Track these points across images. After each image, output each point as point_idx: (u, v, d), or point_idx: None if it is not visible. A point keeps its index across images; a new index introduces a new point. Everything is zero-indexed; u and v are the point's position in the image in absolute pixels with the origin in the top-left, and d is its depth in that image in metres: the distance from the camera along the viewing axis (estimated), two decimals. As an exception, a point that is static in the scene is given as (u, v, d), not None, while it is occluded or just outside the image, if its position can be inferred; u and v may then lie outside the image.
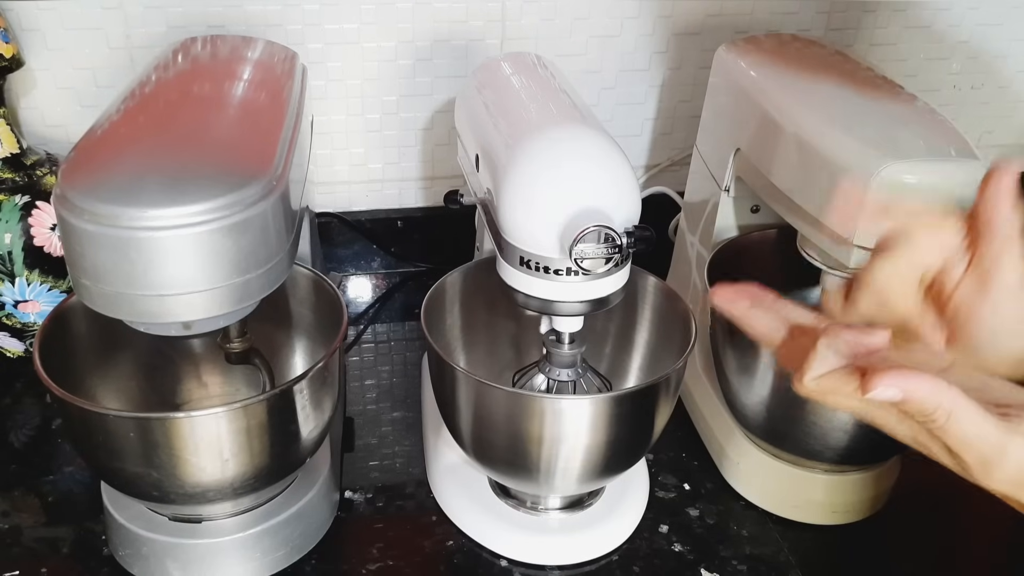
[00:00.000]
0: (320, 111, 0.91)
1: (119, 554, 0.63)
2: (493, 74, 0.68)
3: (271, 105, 0.60)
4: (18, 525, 0.66)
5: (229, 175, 0.48)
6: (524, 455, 0.59)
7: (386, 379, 0.85)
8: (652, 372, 0.70)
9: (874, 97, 0.65)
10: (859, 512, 0.69)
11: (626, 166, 0.54)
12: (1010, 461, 0.36)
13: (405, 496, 0.71)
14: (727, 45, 0.78)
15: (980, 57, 1.03)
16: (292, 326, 0.70)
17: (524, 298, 0.56)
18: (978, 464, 0.37)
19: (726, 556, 0.66)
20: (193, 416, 0.53)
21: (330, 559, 0.64)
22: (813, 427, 0.64)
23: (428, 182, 0.99)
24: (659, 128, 1.01)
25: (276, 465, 0.59)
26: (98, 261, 0.46)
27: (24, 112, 0.87)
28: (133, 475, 0.55)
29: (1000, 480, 0.36)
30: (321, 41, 0.88)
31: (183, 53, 0.67)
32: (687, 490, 0.72)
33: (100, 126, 0.53)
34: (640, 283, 0.68)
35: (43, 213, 0.76)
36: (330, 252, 1.00)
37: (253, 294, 0.51)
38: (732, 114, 0.74)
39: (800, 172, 0.62)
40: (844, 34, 0.98)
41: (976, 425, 0.36)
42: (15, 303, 0.77)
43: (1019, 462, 0.36)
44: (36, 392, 0.81)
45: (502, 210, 0.54)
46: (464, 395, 0.59)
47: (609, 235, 0.50)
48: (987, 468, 0.36)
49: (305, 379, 0.56)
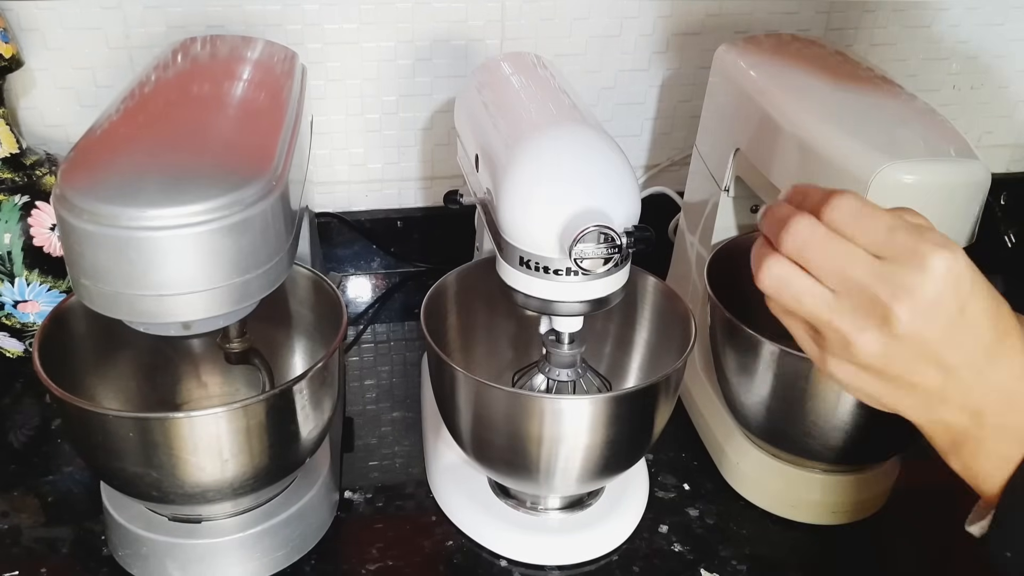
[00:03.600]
0: (320, 111, 0.91)
1: (118, 554, 0.63)
2: (493, 74, 0.68)
3: (271, 105, 0.60)
4: (18, 525, 0.66)
5: (229, 175, 0.48)
6: (524, 455, 0.59)
7: (386, 379, 0.85)
8: (652, 372, 0.70)
9: (874, 97, 0.65)
10: (858, 512, 0.69)
11: (626, 166, 0.54)
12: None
13: (405, 496, 0.71)
14: (727, 45, 0.78)
15: (980, 57, 1.03)
16: (292, 326, 0.70)
17: (524, 298, 0.56)
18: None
19: (726, 556, 0.66)
20: (193, 416, 0.53)
21: (330, 559, 0.64)
22: (813, 427, 0.64)
23: (428, 182, 0.99)
24: (659, 128, 1.01)
25: (276, 465, 0.59)
26: (97, 261, 0.46)
27: (24, 112, 0.87)
28: (133, 475, 0.55)
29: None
30: (321, 41, 0.88)
31: (183, 53, 0.67)
32: (687, 490, 0.72)
33: (100, 126, 0.53)
34: (640, 283, 0.68)
35: (43, 213, 0.76)
36: (330, 252, 1.00)
37: (253, 294, 0.51)
38: (732, 114, 0.74)
39: (800, 172, 0.62)
40: (844, 34, 0.98)
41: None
42: (14, 303, 0.77)
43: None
44: (36, 392, 0.81)
45: (502, 210, 0.54)
46: (464, 395, 0.59)
47: (609, 235, 0.50)
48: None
49: (305, 379, 0.56)
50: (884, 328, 0.39)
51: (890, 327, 0.39)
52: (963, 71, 1.03)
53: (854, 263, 0.40)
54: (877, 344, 0.40)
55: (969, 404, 0.41)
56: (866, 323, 0.40)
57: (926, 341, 0.39)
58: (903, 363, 0.40)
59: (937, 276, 0.38)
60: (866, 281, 0.39)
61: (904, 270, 0.39)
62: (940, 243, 0.39)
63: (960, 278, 0.39)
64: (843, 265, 0.40)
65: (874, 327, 0.40)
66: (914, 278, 0.38)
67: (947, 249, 0.39)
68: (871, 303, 0.39)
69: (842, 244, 0.40)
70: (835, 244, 0.40)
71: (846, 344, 0.41)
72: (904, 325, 0.39)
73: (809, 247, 0.40)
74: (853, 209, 0.40)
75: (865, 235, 0.40)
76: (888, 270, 0.39)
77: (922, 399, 0.42)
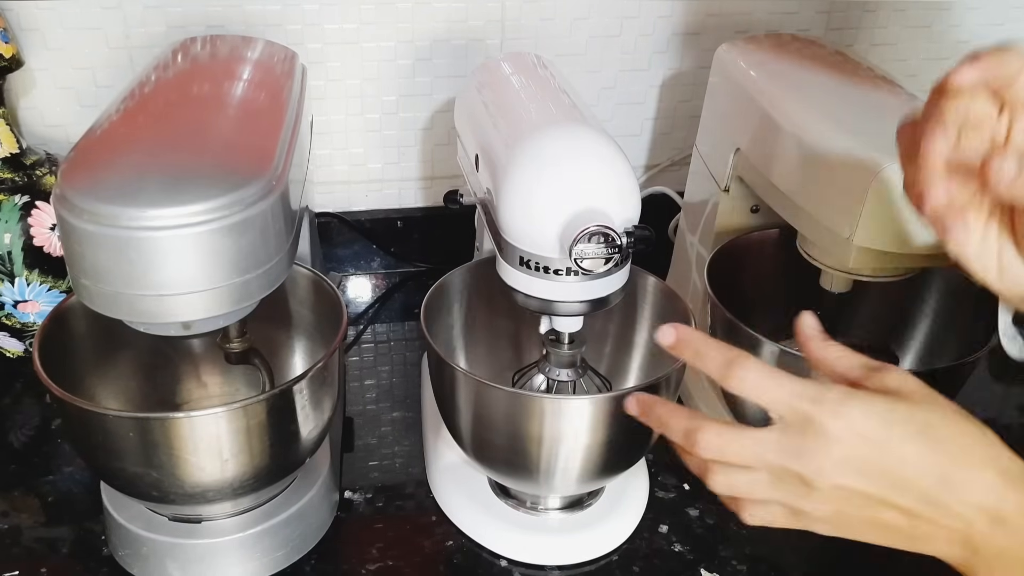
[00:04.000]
0: (320, 111, 0.91)
1: (119, 554, 0.63)
2: (493, 74, 0.68)
3: (271, 105, 0.60)
4: (18, 525, 0.66)
5: (229, 175, 0.48)
6: (524, 455, 0.59)
7: (386, 379, 0.85)
8: (652, 372, 0.70)
9: (874, 97, 0.65)
10: (859, 512, 0.69)
11: (626, 166, 0.54)
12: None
13: (405, 496, 0.71)
14: (727, 45, 0.78)
15: (980, 57, 1.03)
16: (292, 326, 0.70)
17: (524, 298, 0.56)
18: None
19: (726, 556, 0.66)
20: (193, 416, 0.53)
21: (330, 559, 0.64)
22: (813, 427, 0.64)
23: (428, 182, 0.99)
24: (659, 128, 1.01)
25: (276, 465, 0.59)
26: (98, 261, 0.46)
27: (24, 112, 0.87)
28: (133, 475, 0.55)
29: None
30: (321, 41, 0.88)
31: (183, 53, 0.67)
32: (687, 490, 0.72)
33: (100, 126, 0.53)
34: (640, 283, 0.68)
35: (43, 213, 0.76)
36: (330, 252, 1.00)
37: (253, 294, 0.51)
38: (732, 114, 0.74)
39: (800, 172, 0.62)
40: (844, 34, 0.98)
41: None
42: (15, 303, 0.77)
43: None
44: (36, 392, 0.81)
45: (502, 210, 0.54)
46: (464, 395, 0.59)
47: (609, 235, 0.50)
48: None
49: (305, 379, 0.56)
50: (813, 492, 0.42)
51: (816, 489, 0.42)
52: (963, 71, 1.03)
53: (765, 449, 0.43)
54: (821, 503, 0.43)
55: (954, 536, 0.42)
56: (799, 490, 0.43)
57: (862, 491, 0.42)
58: (857, 510, 0.42)
59: (836, 438, 0.41)
60: (780, 460, 0.42)
61: (804, 440, 0.42)
62: (835, 406, 0.41)
63: (864, 434, 0.41)
64: (757, 453, 0.43)
65: (806, 492, 0.42)
66: (815, 444, 0.41)
67: (840, 415, 0.41)
68: (795, 476, 0.42)
69: (748, 436, 0.43)
70: (743, 438, 0.43)
71: (800, 511, 0.43)
72: (825, 485, 0.42)
73: (725, 452, 0.44)
74: (754, 383, 0.43)
75: (771, 405, 0.43)
76: (792, 444, 0.42)
77: (905, 537, 0.43)
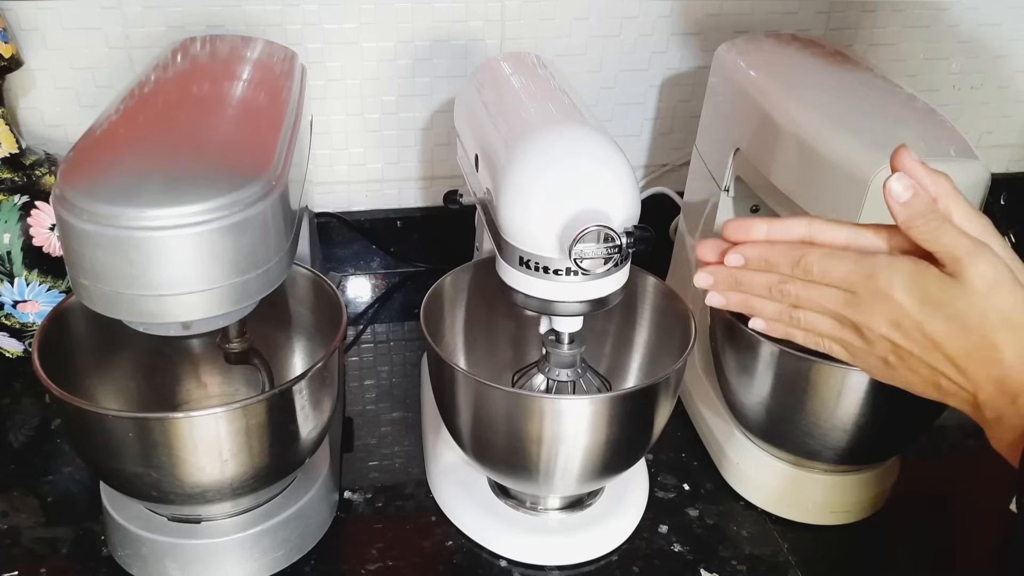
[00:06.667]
0: (320, 111, 0.91)
1: (118, 554, 0.63)
2: (492, 74, 0.68)
3: (270, 105, 0.60)
4: (17, 525, 0.66)
5: (228, 175, 0.48)
6: (523, 455, 0.59)
7: (385, 379, 0.85)
8: (652, 372, 0.70)
9: (874, 97, 0.65)
10: (858, 512, 0.69)
11: (626, 166, 0.54)
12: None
13: (404, 496, 0.71)
14: (727, 45, 0.78)
15: (980, 57, 1.03)
16: (291, 326, 0.70)
17: (524, 298, 0.56)
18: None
19: (726, 556, 0.66)
20: (192, 416, 0.53)
21: (329, 559, 0.64)
22: (812, 427, 0.64)
23: (427, 182, 0.99)
24: (659, 128, 1.01)
25: (275, 465, 0.59)
26: (97, 261, 0.46)
27: (23, 112, 0.87)
28: (132, 475, 0.55)
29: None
30: (320, 41, 0.88)
31: (182, 53, 0.67)
32: (687, 490, 0.72)
33: (99, 126, 0.53)
34: (640, 283, 0.68)
35: (42, 213, 0.76)
36: (329, 252, 1.00)
37: (252, 294, 0.51)
38: (732, 114, 0.74)
39: (800, 172, 0.62)
40: (844, 34, 0.98)
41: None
42: (14, 303, 0.77)
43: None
44: (35, 392, 0.81)
45: (501, 210, 0.54)
46: (463, 395, 0.59)
47: (609, 235, 0.50)
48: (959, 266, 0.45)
49: (304, 379, 0.56)
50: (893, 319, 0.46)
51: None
52: (963, 71, 1.03)
53: (849, 267, 0.47)
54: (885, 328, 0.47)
55: (990, 380, 0.45)
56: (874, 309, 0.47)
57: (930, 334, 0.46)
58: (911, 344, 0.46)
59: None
60: (855, 278, 0.47)
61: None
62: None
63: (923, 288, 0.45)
64: (850, 269, 0.47)
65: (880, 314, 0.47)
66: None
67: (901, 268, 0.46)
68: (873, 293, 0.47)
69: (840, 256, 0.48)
70: (838, 256, 0.48)
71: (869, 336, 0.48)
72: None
73: (824, 265, 0.48)
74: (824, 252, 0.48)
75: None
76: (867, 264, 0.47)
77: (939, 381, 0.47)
